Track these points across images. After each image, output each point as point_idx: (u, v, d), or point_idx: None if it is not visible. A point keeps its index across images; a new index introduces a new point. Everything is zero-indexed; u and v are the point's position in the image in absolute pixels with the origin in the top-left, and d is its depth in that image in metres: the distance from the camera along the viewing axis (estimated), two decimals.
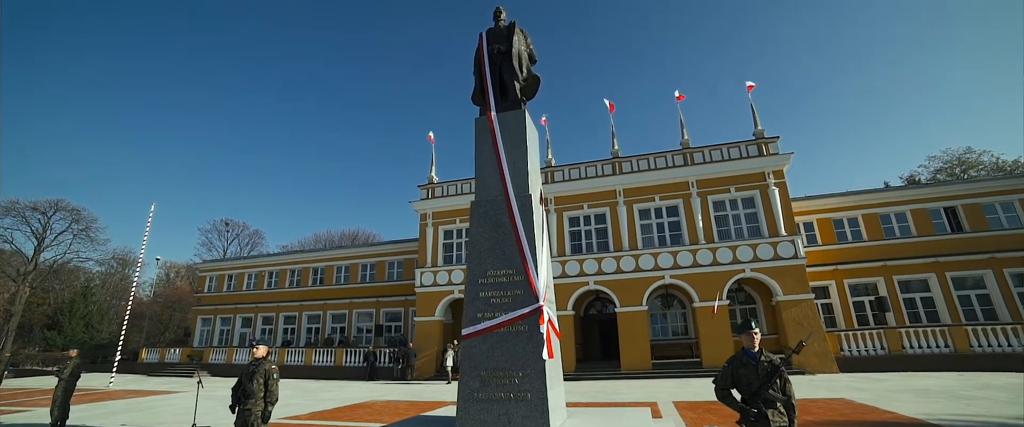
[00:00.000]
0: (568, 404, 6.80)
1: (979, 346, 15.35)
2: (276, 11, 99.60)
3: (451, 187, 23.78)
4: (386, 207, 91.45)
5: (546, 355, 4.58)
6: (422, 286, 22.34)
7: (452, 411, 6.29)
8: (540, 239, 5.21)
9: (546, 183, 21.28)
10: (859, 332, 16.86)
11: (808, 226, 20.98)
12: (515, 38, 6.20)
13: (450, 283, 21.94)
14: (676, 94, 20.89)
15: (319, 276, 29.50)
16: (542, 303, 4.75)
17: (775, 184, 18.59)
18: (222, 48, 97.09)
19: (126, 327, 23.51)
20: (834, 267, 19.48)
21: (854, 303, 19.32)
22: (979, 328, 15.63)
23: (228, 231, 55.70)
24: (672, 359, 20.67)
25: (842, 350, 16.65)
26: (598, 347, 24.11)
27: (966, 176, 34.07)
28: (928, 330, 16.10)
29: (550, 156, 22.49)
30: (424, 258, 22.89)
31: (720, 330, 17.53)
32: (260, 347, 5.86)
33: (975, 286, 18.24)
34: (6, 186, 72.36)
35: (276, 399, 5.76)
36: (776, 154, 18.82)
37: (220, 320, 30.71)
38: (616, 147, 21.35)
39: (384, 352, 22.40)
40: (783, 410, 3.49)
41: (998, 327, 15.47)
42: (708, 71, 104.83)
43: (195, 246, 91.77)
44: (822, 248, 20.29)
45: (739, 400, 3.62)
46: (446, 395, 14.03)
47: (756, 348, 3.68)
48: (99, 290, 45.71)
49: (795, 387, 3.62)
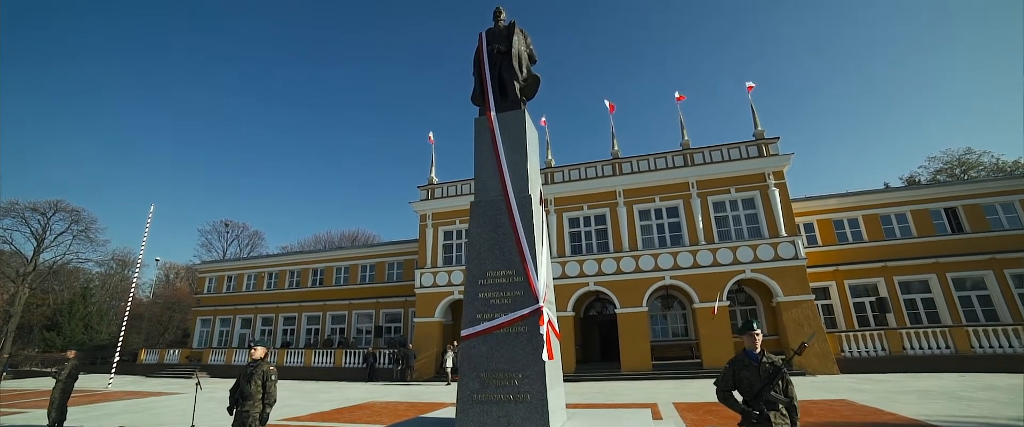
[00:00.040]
0: (568, 405, 6.77)
1: (980, 347, 15.31)
2: (276, 11, 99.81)
3: (451, 188, 23.76)
4: (386, 208, 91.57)
5: (546, 356, 4.55)
6: (422, 287, 22.31)
7: (452, 413, 6.27)
8: (540, 240, 5.18)
9: (546, 184, 21.26)
10: (860, 333, 16.83)
11: (808, 227, 20.97)
12: (515, 38, 6.18)
13: (450, 284, 21.91)
14: (676, 95, 20.91)
15: (319, 277, 29.47)
16: (542, 304, 4.72)
17: (775, 185, 18.57)
18: (222, 49, 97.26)
19: (125, 328, 23.47)
20: (834, 268, 19.45)
21: (854, 304, 19.29)
22: (980, 329, 15.59)
23: (228, 232, 55.69)
24: (672, 360, 20.65)
25: (843, 351, 16.62)
26: (598, 348, 24.08)
27: (966, 177, 34.06)
28: (929, 331, 16.06)
29: (550, 157, 22.46)
30: (424, 259, 22.86)
31: (720, 331, 17.50)
32: (258, 348, 5.83)
33: (976, 287, 18.21)
34: (6, 187, 72.45)
35: (274, 401, 5.72)
36: (776, 155, 18.80)
37: (219, 321, 30.67)
38: (616, 148, 21.33)
39: (384, 353, 22.36)
40: (785, 412, 3.46)
41: (999, 328, 15.44)
42: (708, 71, 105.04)
43: (195, 247, 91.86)
44: (822, 249, 20.27)
45: (741, 402, 3.59)
46: (446, 396, 14.00)
47: (758, 349, 3.65)
48: (98, 291, 45.65)
49: (796, 388, 3.59)
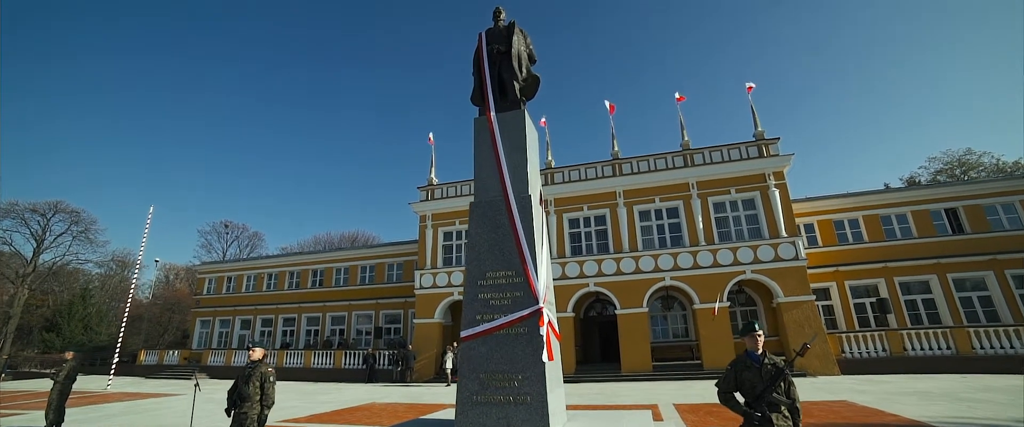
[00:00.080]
0: (568, 407, 6.74)
1: (981, 348, 15.28)
2: (275, 12, 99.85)
3: (451, 188, 23.73)
4: (386, 209, 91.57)
5: (546, 357, 4.52)
6: (421, 288, 22.27)
7: (451, 414, 6.23)
8: (540, 240, 5.15)
9: (546, 184, 21.24)
10: (860, 334, 16.80)
11: (809, 227, 20.94)
12: (515, 38, 6.16)
13: (450, 285, 21.88)
14: (676, 95, 20.92)
15: (318, 278, 29.43)
16: (542, 305, 4.69)
17: (775, 185, 18.54)
18: (222, 49, 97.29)
19: (124, 329, 23.42)
20: (835, 269, 19.42)
21: (855, 305, 19.26)
22: (981, 330, 15.56)
23: (227, 233, 55.63)
24: (673, 361, 20.61)
25: (843, 352, 16.58)
26: (598, 349, 24.03)
27: (966, 178, 34.03)
28: (930, 332, 16.02)
29: (550, 158, 22.44)
30: (423, 260, 22.83)
31: (721, 332, 17.47)
32: (256, 350, 5.80)
33: (977, 288, 18.17)
34: (6, 188, 72.42)
35: (272, 402, 5.70)
36: (776, 155, 18.78)
37: (219, 322, 30.63)
38: (616, 148, 21.31)
39: (383, 354, 22.32)
40: (787, 414, 3.43)
41: (1000, 329, 15.40)
42: (708, 72, 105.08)
43: (194, 248, 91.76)
44: (823, 249, 20.24)
45: (743, 403, 3.55)
46: (445, 397, 13.96)
47: (759, 350, 3.62)
48: (98, 292, 45.61)
49: (797, 390, 3.55)
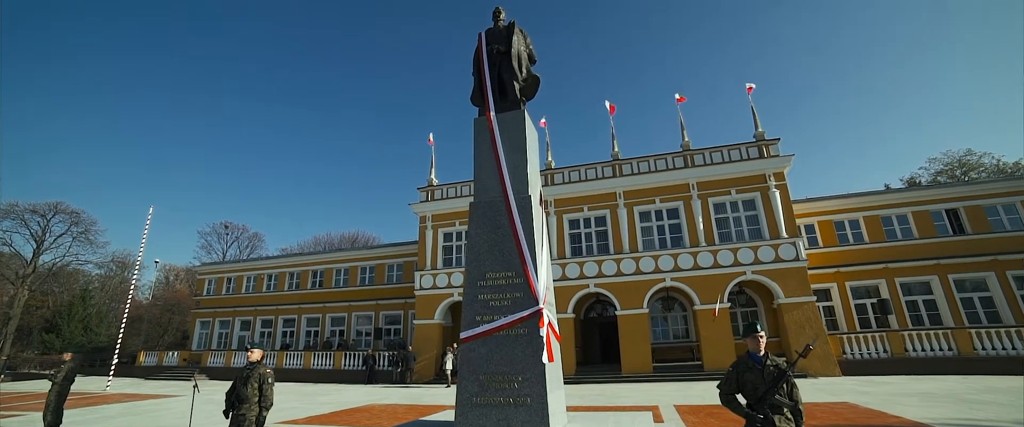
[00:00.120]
0: (568, 408, 6.70)
1: (983, 349, 15.23)
2: (276, 11, 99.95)
3: (451, 189, 23.71)
4: (386, 209, 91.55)
5: (546, 359, 4.49)
6: (421, 289, 22.24)
7: (451, 415, 6.19)
8: (540, 241, 5.11)
9: (546, 185, 21.21)
10: (861, 335, 16.75)
11: (809, 228, 20.90)
12: (514, 38, 6.14)
13: (450, 286, 21.84)
14: (676, 96, 20.90)
15: (318, 279, 29.39)
16: (542, 306, 4.66)
17: (776, 186, 18.51)
18: (222, 49, 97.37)
19: (124, 330, 23.39)
20: (835, 269, 19.38)
21: (856, 306, 19.21)
22: (983, 331, 15.52)
23: (227, 234, 55.60)
24: (673, 362, 20.56)
25: (844, 353, 16.54)
26: (598, 350, 23.99)
27: (966, 178, 34.00)
28: (931, 333, 15.98)
29: (550, 158, 22.41)
30: (423, 261, 22.80)
31: (721, 333, 17.43)
32: (255, 351, 5.76)
33: (978, 288, 18.13)
34: (6, 188, 72.40)
35: (271, 404, 5.65)
36: (777, 156, 18.75)
37: (219, 323, 30.59)
38: (616, 149, 21.29)
39: (383, 355, 22.28)
40: (790, 416, 3.39)
41: (1002, 330, 15.36)
42: (708, 72, 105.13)
43: (194, 249, 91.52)
44: (823, 250, 20.20)
45: (744, 405, 3.52)
46: (445, 399, 13.91)
47: (762, 352, 3.58)
48: (98, 293, 45.59)
49: (799, 391, 3.52)
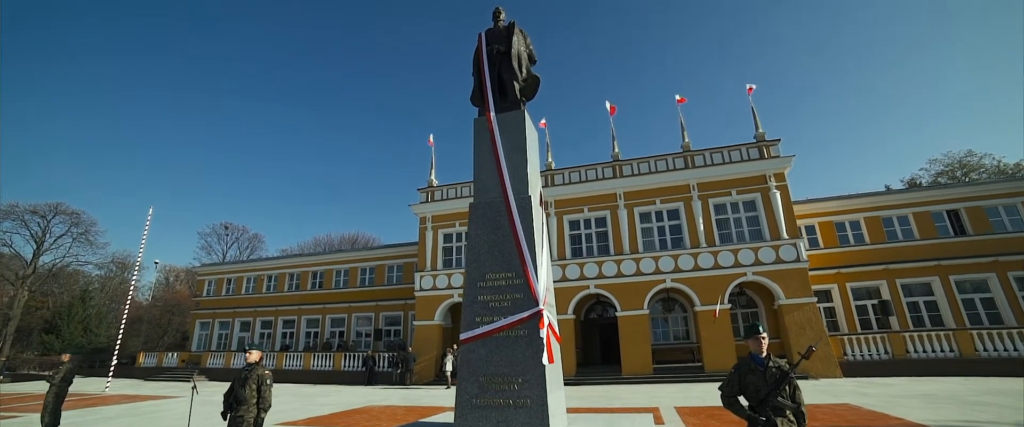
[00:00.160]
0: (568, 409, 6.67)
1: (985, 350, 15.18)
2: (275, 12, 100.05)
3: (451, 190, 23.68)
4: (386, 210, 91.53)
5: (546, 360, 4.46)
6: (421, 290, 22.20)
7: (451, 417, 6.15)
8: (540, 242, 5.09)
9: (546, 186, 21.18)
10: (862, 336, 16.71)
11: (810, 229, 20.87)
12: (514, 38, 6.12)
13: (450, 287, 21.80)
14: (677, 97, 20.88)
15: (318, 280, 29.36)
16: (542, 307, 4.63)
17: (776, 187, 18.48)
18: (222, 49, 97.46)
19: (124, 331, 23.35)
20: (836, 270, 19.34)
21: (857, 307, 19.17)
22: (984, 332, 15.47)
23: (227, 235, 55.57)
24: (674, 363, 20.51)
25: (845, 354, 16.50)
26: (599, 351, 23.94)
27: (967, 179, 33.97)
28: (932, 334, 15.93)
29: (550, 159, 22.38)
30: (423, 262, 22.76)
31: (722, 334, 17.38)
32: (253, 352, 5.74)
33: (979, 290, 18.08)
34: (6, 189, 72.42)
35: (269, 405, 5.63)
36: (777, 157, 18.72)
37: (218, 324, 30.54)
38: (616, 150, 21.26)
39: (383, 356, 22.23)
40: (792, 418, 3.35)
41: (1003, 331, 15.32)
42: (708, 72, 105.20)
43: (194, 250, 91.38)
44: (824, 251, 20.16)
45: (746, 407, 3.49)
46: (445, 400, 13.87)
47: (764, 353, 3.55)
48: (98, 294, 45.55)
49: (802, 393, 3.49)
